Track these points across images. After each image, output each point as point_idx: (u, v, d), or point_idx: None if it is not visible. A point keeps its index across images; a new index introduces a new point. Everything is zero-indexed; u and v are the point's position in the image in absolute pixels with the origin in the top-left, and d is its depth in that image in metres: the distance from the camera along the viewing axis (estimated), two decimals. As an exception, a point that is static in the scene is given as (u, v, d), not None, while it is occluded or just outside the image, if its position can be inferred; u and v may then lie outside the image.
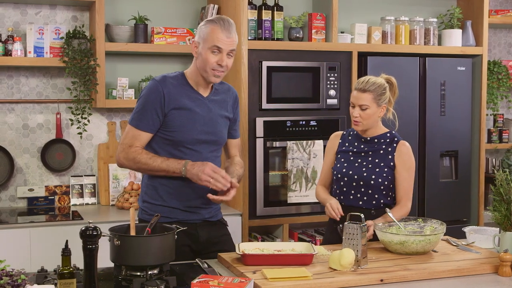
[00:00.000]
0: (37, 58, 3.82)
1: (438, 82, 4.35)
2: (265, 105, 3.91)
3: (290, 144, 3.94)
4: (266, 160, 3.92)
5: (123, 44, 3.93)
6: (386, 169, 2.82)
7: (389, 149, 2.85)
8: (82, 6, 4.03)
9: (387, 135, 2.88)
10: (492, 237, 2.66)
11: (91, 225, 1.99)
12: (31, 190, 3.97)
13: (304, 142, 3.97)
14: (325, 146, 3.22)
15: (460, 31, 4.51)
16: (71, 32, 3.90)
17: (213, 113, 2.68)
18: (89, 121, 3.97)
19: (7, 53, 3.78)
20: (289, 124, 3.96)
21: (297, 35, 4.15)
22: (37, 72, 4.01)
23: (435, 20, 4.48)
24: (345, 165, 2.88)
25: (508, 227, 2.54)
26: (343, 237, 2.47)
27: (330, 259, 2.36)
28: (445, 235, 2.71)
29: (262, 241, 4.00)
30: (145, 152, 2.61)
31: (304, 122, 4.00)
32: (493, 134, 4.87)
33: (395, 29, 4.40)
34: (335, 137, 3.01)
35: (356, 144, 2.91)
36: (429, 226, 2.69)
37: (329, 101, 4.05)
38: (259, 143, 3.90)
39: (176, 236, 2.32)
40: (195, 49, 2.63)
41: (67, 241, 2.02)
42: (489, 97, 4.71)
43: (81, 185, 4.05)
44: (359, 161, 2.87)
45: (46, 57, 3.84)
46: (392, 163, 2.83)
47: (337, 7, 4.11)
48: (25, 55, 3.83)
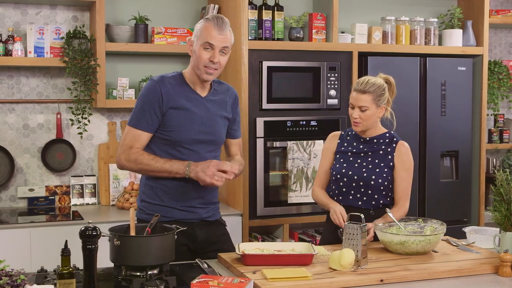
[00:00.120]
0: (37, 58, 3.82)
1: (439, 82, 4.35)
2: (265, 105, 3.91)
3: (290, 144, 3.94)
4: (267, 160, 3.92)
5: (124, 44, 3.93)
6: (386, 169, 2.82)
7: (389, 149, 2.84)
8: (83, 6, 4.03)
9: (386, 135, 2.88)
10: (493, 237, 2.66)
11: (90, 225, 1.99)
12: (31, 190, 3.97)
13: (305, 142, 3.97)
14: (325, 146, 3.21)
15: (460, 31, 4.51)
16: (72, 32, 3.90)
17: (211, 113, 2.68)
18: (89, 121, 3.97)
19: (8, 53, 3.78)
20: (289, 124, 3.96)
21: (298, 35, 4.15)
22: (37, 72, 4.01)
23: (435, 20, 4.48)
24: (345, 165, 2.87)
25: (509, 227, 2.54)
26: (343, 237, 2.47)
27: (330, 259, 2.36)
28: (446, 235, 2.71)
29: (262, 241, 4.00)
30: (147, 153, 2.61)
31: (304, 122, 4.00)
32: (494, 134, 4.87)
33: (396, 29, 4.40)
34: (333, 138, 2.99)
35: (355, 145, 2.90)
36: (429, 226, 2.69)
37: (330, 101, 4.05)
38: (260, 143, 3.90)
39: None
40: (190, 47, 2.65)
41: (66, 241, 2.02)
42: (489, 97, 4.70)
43: (82, 185, 4.05)
44: (359, 161, 2.86)
45: (47, 57, 3.84)
46: (391, 163, 2.82)
47: (337, 7, 4.10)
48: (26, 55, 3.83)
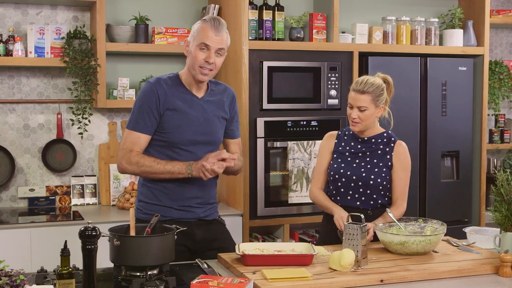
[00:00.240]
0: (38, 58, 3.82)
1: (439, 82, 4.34)
2: (266, 105, 3.91)
3: (291, 144, 3.93)
4: (267, 160, 3.92)
5: (124, 44, 3.93)
6: (384, 169, 2.81)
7: (387, 149, 2.84)
8: (83, 6, 4.03)
9: (384, 135, 2.87)
10: (493, 237, 2.66)
11: (90, 225, 1.99)
12: (32, 190, 3.97)
13: (305, 142, 3.96)
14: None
15: (461, 31, 4.51)
16: (72, 32, 3.90)
17: (208, 113, 2.68)
18: (90, 121, 3.97)
19: (8, 53, 3.78)
20: (290, 124, 3.96)
21: (298, 35, 4.15)
22: (38, 72, 4.01)
23: (436, 20, 4.47)
24: (342, 165, 2.86)
25: (509, 227, 2.54)
26: (343, 237, 2.47)
27: (330, 259, 2.36)
28: (446, 235, 2.71)
29: (263, 241, 4.00)
30: (147, 155, 2.62)
31: (305, 122, 3.99)
32: (495, 134, 4.86)
33: (396, 29, 4.40)
34: (330, 137, 2.97)
35: (353, 144, 2.89)
36: (430, 227, 2.68)
37: (330, 101, 4.05)
38: (260, 143, 3.89)
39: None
40: (186, 47, 2.66)
41: (66, 241, 2.02)
42: (490, 97, 4.70)
43: (82, 185, 4.05)
44: (357, 161, 2.86)
45: (47, 57, 3.84)
46: (390, 163, 2.82)
47: (338, 7, 4.10)
48: (26, 55, 3.83)
